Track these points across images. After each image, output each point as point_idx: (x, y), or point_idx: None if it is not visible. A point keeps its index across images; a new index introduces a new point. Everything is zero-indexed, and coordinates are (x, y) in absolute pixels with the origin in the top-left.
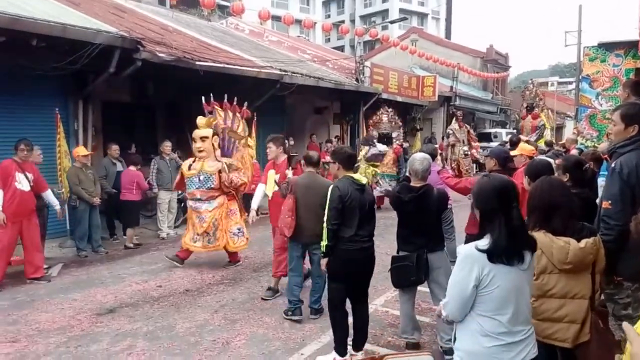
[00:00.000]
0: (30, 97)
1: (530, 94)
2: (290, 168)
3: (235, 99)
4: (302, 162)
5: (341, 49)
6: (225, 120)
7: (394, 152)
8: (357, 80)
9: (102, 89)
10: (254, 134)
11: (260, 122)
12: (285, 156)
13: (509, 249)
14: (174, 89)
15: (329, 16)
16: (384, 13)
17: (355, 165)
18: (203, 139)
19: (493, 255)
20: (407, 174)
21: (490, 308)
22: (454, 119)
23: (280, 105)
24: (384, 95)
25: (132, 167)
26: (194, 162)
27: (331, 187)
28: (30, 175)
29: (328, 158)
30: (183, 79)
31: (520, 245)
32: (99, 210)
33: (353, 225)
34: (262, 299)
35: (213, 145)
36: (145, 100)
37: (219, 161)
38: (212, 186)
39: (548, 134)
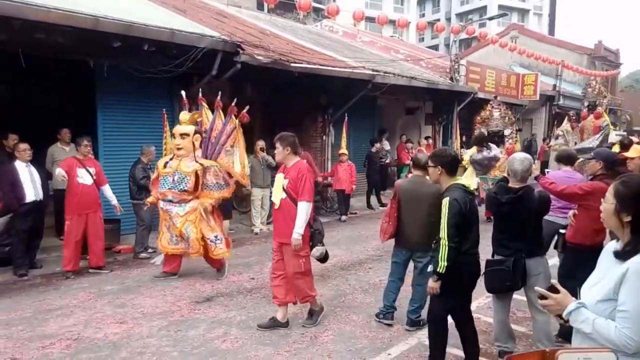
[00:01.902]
0: (141, 98)
1: (592, 92)
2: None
3: (235, 99)
4: (412, 164)
5: (435, 48)
6: (215, 120)
7: (507, 152)
8: (451, 79)
9: (204, 91)
10: (344, 135)
11: (351, 123)
12: (297, 159)
13: None
14: (270, 90)
15: (423, 15)
16: (482, 10)
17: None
18: (183, 136)
19: None
20: (506, 174)
21: None
22: (566, 119)
23: (371, 106)
24: (480, 95)
25: None
26: (171, 159)
27: (448, 199)
28: (92, 170)
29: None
30: (278, 81)
31: None
32: None
33: (470, 238)
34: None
35: (193, 144)
36: (242, 101)
37: (197, 162)
38: (186, 188)
39: (613, 135)
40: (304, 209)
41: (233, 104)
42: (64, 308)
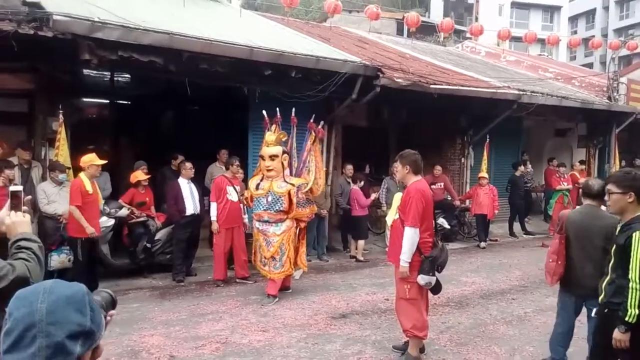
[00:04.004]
0: (286, 122)
1: None
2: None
3: (314, 115)
4: (581, 192)
5: (589, 66)
6: (292, 138)
7: None
8: (609, 98)
9: (343, 114)
10: (485, 158)
11: (493, 145)
12: (417, 178)
13: None
14: (407, 113)
15: (575, 32)
16: None
17: None
18: (272, 157)
19: None
20: None
21: None
22: None
23: (516, 127)
24: None
25: (353, 185)
26: (261, 181)
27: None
28: (238, 188)
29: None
30: (416, 103)
31: None
32: (332, 224)
33: None
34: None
35: (282, 164)
36: (379, 124)
37: (287, 182)
38: (281, 209)
39: None
40: (408, 235)
41: (311, 120)
42: (214, 313)
